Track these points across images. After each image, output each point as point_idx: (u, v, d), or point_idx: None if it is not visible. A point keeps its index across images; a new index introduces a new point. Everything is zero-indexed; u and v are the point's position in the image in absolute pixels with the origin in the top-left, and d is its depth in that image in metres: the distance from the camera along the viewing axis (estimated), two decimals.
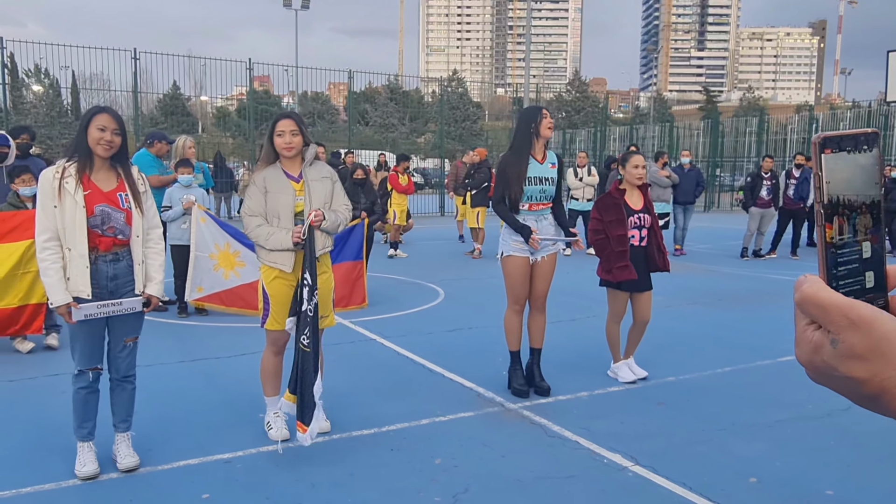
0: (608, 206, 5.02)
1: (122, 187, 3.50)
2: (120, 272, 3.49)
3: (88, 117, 3.42)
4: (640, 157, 5.09)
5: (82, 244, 3.35)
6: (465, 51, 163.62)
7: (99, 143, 3.42)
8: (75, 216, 3.34)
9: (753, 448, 3.96)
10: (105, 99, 29.56)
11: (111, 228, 3.43)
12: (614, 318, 5.19)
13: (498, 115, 78.89)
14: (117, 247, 3.47)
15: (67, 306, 3.32)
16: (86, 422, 3.60)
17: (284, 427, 4.04)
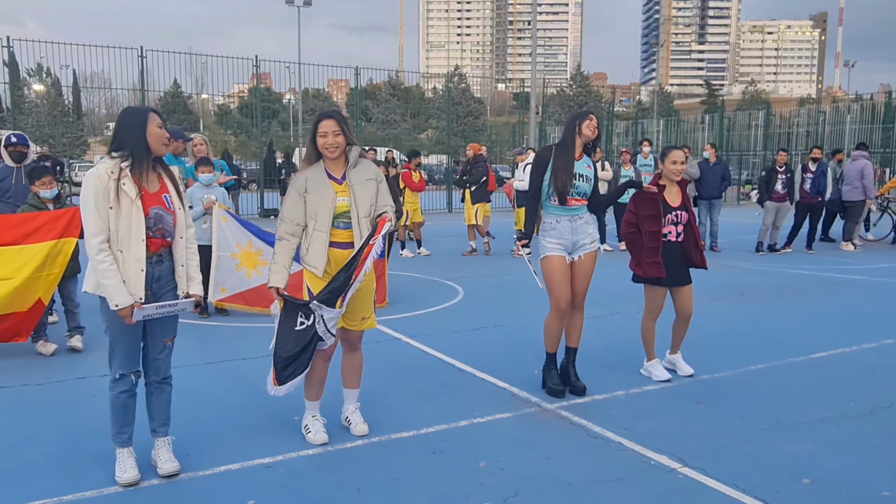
0: (644, 200, 4.95)
1: (165, 188, 3.44)
2: (163, 273, 3.45)
3: (145, 116, 3.33)
4: (680, 153, 5.01)
5: (139, 247, 3.29)
6: (465, 46, 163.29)
7: (164, 142, 3.38)
8: (132, 219, 3.26)
9: (802, 448, 3.89)
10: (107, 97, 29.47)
11: (160, 230, 3.39)
12: (650, 314, 5.11)
13: (499, 110, 78.77)
14: (163, 248, 3.43)
15: (131, 308, 3.25)
16: (126, 427, 3.53)
17: (323, 430, 3.98)
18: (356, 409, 4.17)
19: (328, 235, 3.76)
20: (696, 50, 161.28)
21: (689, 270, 5.12)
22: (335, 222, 3.78)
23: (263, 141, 23.83)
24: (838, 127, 28.98)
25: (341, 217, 3.78)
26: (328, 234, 3.76)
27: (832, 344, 6.09)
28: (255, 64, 19.92)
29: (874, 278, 9.69)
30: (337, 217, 3.78)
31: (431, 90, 58.45)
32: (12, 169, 6.67)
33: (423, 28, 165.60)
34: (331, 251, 3.79)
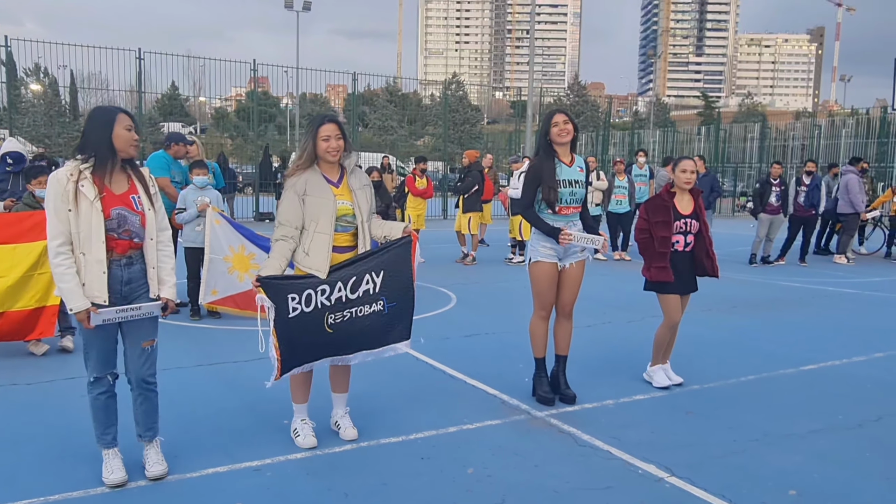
0: (657, 206, 5.02)
1: (134, 189, 3.41)
2: (134, 276, 3.41)
3: (112, 118, 3.31)
4: (691, 162, 5.06)
5: (99, 249, 3.27)
6: (463, 54, 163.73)
7: (132, 143, 3.36)
8: (91, 220, 3.25)
9: (790, 459, 3.90)
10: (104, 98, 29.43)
11: (126, 231, 3.35)
12: (669, 323, 5.12)
13: (496, 118, 78.96)
14: (132, 250, 3.39)
15: (87, 311, 3.24)
16: (108, 428, 3.52)
17: (312, 434, 3.98)
18: (346, 414, 4.17)
19: (331, 238, 3.75)
20: (693, 62, 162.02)
21: (695, 281, 5.16)
22: (335, 225, 3.79)
23: (260, 145, 23.83)
24: (834, 141, 29.13)
25: (340, 220, 3.81)
26: (331, 237, 3.75)
27: (822, 357, 6.11)
28: (252, 68, 19.94)
29: (866, 292, 9.73)
30: (337, 220, 3.80)
31: (429, 97, 58.57)
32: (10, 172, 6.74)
33: (421, 35, 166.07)
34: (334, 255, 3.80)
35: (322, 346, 3.79)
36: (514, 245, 12.12)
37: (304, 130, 3.98)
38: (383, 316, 3.86)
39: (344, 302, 3.74)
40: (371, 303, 3.81)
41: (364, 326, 3.82)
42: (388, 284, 3.84)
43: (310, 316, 3.68)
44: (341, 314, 3.75)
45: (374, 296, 3.81)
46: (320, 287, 3.68)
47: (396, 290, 3.87)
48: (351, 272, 3.75)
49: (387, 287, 3.84)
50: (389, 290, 3.85)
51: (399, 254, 3.89)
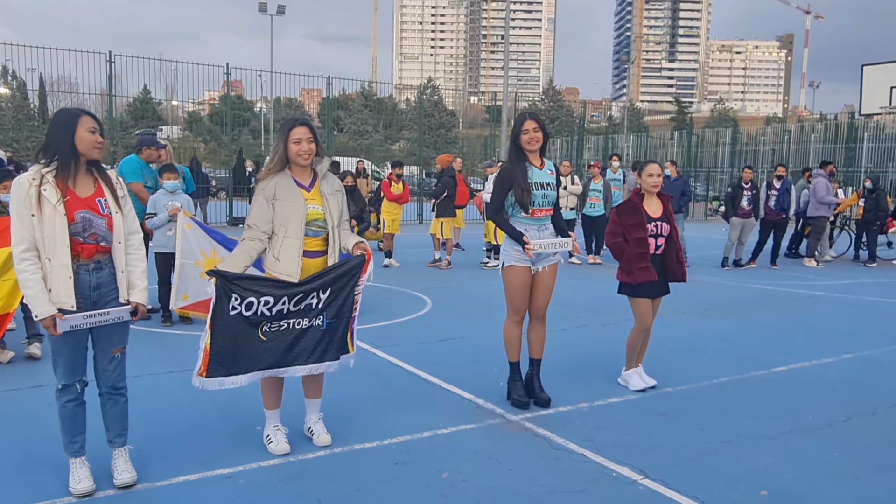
0: (628, 209, 5.05)
1: (100, 192, 3.35)
2: (103, 281, 3.35)
3: (75, 120, 3.25)
4: (657, 166, 5.10)
5: (64, 254, 3.20)
6: (438, 59, 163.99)
7: (94, 145, 3.29)
8: (55, 224, 3.17)
9: (761, 461, 3.94)
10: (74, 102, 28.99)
11: (93, 235, 3.29)
12: (640, 326, 5.14)
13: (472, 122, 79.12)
14: (100, 254, 3.32)
15: (52, 318, 3.17)
16: (76, 436, 3.45)
17: (285, 441, 3.94)
18: (319, 420, 4.13)
19: (301, 242, 3.74)
20: (666, 67, 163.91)
21: (667, 284, 5.20)
22: (305, 230, 3.77)
23: (233, 149, 23.63)
24: (803, 146, 29.59)
25: (311, 225, 3.78)
26: (301, 241, 3.74)
27: (793, 358, 6.19)
28: (226, 72, 19.79)
29: (835, 294, 9.88)
30: (307, 225, 3.77)
31: (404, 101, 58.55)
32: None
33: (396, 39, 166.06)
34: (305, 261, 3.79)
35: (254, 355, 3.68)
36: (490, 249, 12.14)
37: (277, 134, 3.94)
38: (320, 331, 3.78)
39: (284, 314, 3.70)
40: (311, 317, 3.76)
41: (299, 339, 3.76)
42: (331, 301, 3.79)
43: (247, 320, 3.62)
44: (278, 324, 3.70)
45: (314, 310, 3.76)
46: (264, 298, 3.62)
47: (337, 307, 3.82)
48: (299, 289, 3.71)
49: (329, 304, 3.79)
50: (331, 308, 3.80)
51: (348, 272, 3.82)
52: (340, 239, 3.91)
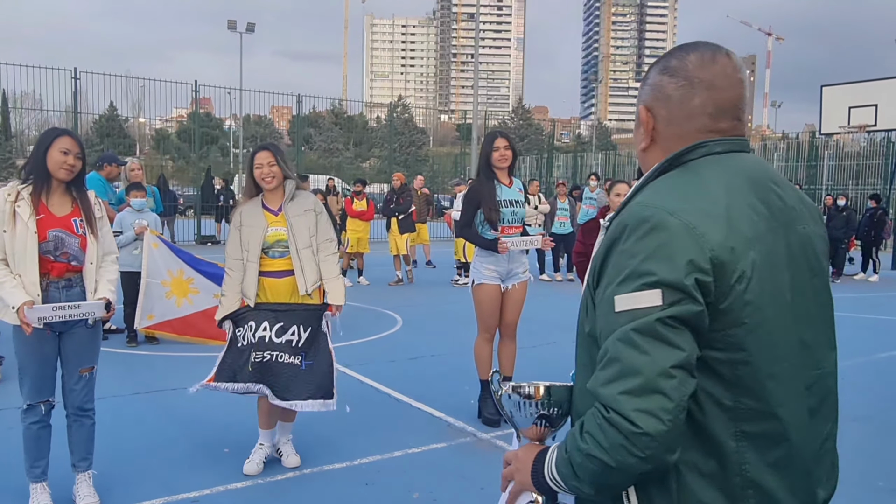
0: (592, 229, 5.13)
1: (76, 212, 3.33)
2: (72, 299, 3.30)
3: (50, 140, 3.26)
4: (625, 186, 5.18)
5: (33, 271, 3.18)
6: (409, 77, 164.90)
7: (62, 166, 3.25)
8: (26, 242, 3.16)
9: None
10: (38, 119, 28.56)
11: (65, 254, 3.26)
12: None
13: (442, 140, 79.51)
14: (70, 273, 3.29)
15: (31, 303, 3.12)
16: (39, 460, 3.37)
17: (258, 461, 3.89)
18: (288, 441, 4.09)
19: (258, 265, 3.84)
20: (633, 87, 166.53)
21: None
22: (269, 252, 3.85)
23: (202, 167, 23.44)
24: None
25: (275, 246, 3.85)
26: (258, 265, 3.84)
27: None
28: (194, 89, 19.66)
29: None
30: (270, 247, 3.84)
31: (375, 119, 58.67)
32: None
33: (367, 58, 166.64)
34: (265, 280, 3.86)
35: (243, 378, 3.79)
36: (460, 267, 12.18)
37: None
38: (299, 371, 3.77)
39: (267, 343, 3.75)
40: (291, 354, 3.76)
41: (280, 374, 3.75)
42: (309, 341, 3.80)
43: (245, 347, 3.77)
44: (261, 354, 3.73)
45: (294, 348, 3.76)
46: (249, 322, 3.77)
47: (315, 349, 3.81)
48: (280, 317, 3.78)
49: (308, 344, 3.79)
50: (309, 348, 3.80)
51: (319, 317, 3.85)
52: (319, 262, 3.89)
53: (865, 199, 15.16)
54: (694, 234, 1.13)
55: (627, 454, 1.09)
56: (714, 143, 1.29)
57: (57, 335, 3.29)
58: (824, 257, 1.34)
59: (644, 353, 1.10)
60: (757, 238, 1.18)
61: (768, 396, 1.17)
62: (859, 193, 23.92)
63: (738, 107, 1.32)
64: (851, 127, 15.89)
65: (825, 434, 1.29)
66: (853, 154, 26.37)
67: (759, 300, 1.16)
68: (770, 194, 1.26)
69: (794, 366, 1.21)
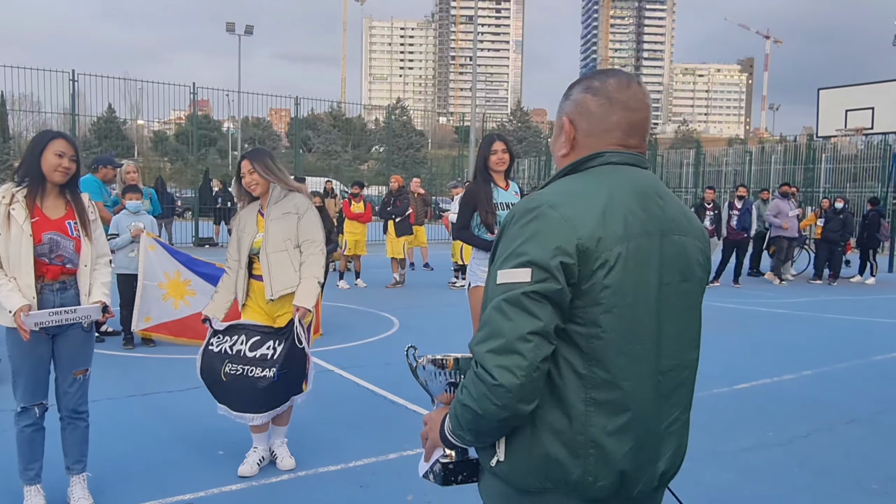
0: None
1: (70, 215, 3.33)
2: (67, 301, 3.30)
3: (44, 142, 3.25)
4: None
5: (28, 274, 3.18)
6: (407, 79, 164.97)
7: (57, 169, 3.26)
8: (21, 244, 3.16)
9: (723, 477, 3.99)
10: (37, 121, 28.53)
11: (59, 257, 3.26)
12: None
13: (440, 143, 79.54)
14: (65, 276, 3.30)
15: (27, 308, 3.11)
16: (32, 463, 3.37)
17: (253, 463, 3.90)
18: (283, 444, 4.09)
19: (246, 270, 3.95)
20: None
21: None
22: (259, 255, 3.90)
23: (200, 169, 23.43)
24: (764, 167, 30.25)
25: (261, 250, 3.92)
26: (246, 269, 3.95)
27: (754, 375, 6.29)
28: (192, 91, 19.67)
29: (795, 312, 10.08)
30: (258, 252, 3.90)
31: (373, 121, 58.69)
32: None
33: (366, 60, 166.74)
34: (254, 283, 3.96)
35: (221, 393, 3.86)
36: (457, 269, 12.19)
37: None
38: (273, 383, 3.77)
39: (241, 357, 3.79)
40: (264, 368, 3.77)
41: (253, 388, 3.77)
42: (284, 355, 3.80)
43: (217, 354, 3.84)
44: (235, 367, 3.78)
45: (269, 361, 3.77)
46: (226, 336, 3.85)
47: (290, 359, 3.82)
48: (256, 333, 3.83)
49: (283, 357, 3.79)
50: (284, 360, 3.80)
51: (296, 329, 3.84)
52: (300, 263, 3.89)
53: (863, 202, 15.16)
54: (567, 224, 1.34)
55: (489, 403, 1.31)
56: (611, 153, 1.48)
57: (50, 337, 3.29)
58: (699, 267, 1.53)
59: (509, 319, 1.31)
60: (628, 236, 1.38)
61: (617, 370, 1.37)
62: (858, 196, 23.96)
63: (645, 128, 1.53)
64: (848, 130, 15.92)
65: (674, 417, 1.48)
66: (850, 157, 26.42)
67: (619, 287, 1.35)
68: (652, 204, 1.44)
69: (648, 350, 1.40)
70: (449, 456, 1.55)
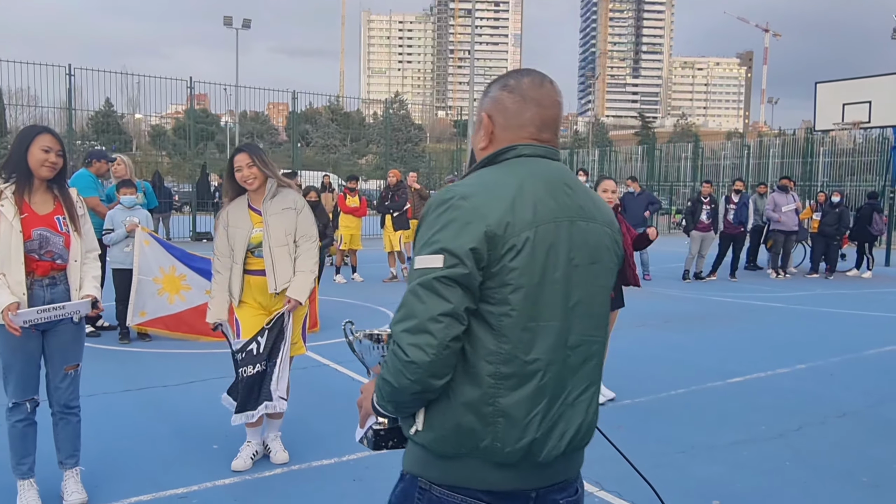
0: None
1: (59, 210, 3.33)
2: (56, 297, 3.31)
3: (30, 138, 3.24)
4: (611, 183, 5.20)
5: (18, 270, 3.17)
6: (406, 73, 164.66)
7: (44, 164, 3.25)
8: (11, 241, 3.15)
9: (713, 470, 4.01)
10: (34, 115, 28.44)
11: (49, 253, 3.26)
12: None
13: (439, 137, 79.46)
14: (55, 271, 3.30)
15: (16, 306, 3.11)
16: (25, 457, 3.38)
17: (247, 457, 3.92)
18: (277, 437, 4.11)
19: (242, 266, 3.91)
20: (630, 83, 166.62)
21: (621, 296, 5.27)
22: (255, 251, 3.90)
23: (198, 163, 23.41)
24: (763, 160, 30.26)
25: (259, 247, 3.90)
26: (242, 265, 3.91)
27: (749, 369, 6.31)
28: (189, 85, 19.63)
29: (791, 305, 10.10)
30: (255, 247, 3.89)
31: (372, 116, 58.62)
32: None
33: (364, 54, 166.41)
34: (250, 279, 3.93)
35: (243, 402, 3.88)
36: None
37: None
38: (265, 375, 3.82)
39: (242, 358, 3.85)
40: (254, 363, 3.80)
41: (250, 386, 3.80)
42: (268, 345, 3.83)
43: None
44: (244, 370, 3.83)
45: (256, 357, 3.81)
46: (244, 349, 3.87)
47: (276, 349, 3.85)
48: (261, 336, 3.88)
49: (268, 347, 3.83)
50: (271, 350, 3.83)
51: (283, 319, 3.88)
52: (294, 258, 3.91)
53: (861, 196, 15.14)
54: (477, 214, 1.45)
55: (403, 377, 1.44)
56: (524, 146, 1.60)
57: (40, 333, 3.29)
58: (607, 251, 1.62)
59: (422, 302, 1.43)
60: (536, 222, 1.48)
61: (524, 346, 1.48)
62: (857, 190, 23.98)
63: (556, 123, 1.65)
64: (846, 124, 15.88)
65: (583, 388, 1.58)
66: (849, 151, 26.43)
67: (526, 268, 1.46)
68: (560, 193, 1.55)
69: (556, 327, 1.51)
70: (382, 424, 1.66)
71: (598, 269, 1.58)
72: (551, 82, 1.66)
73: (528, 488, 1.56)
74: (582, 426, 1.59)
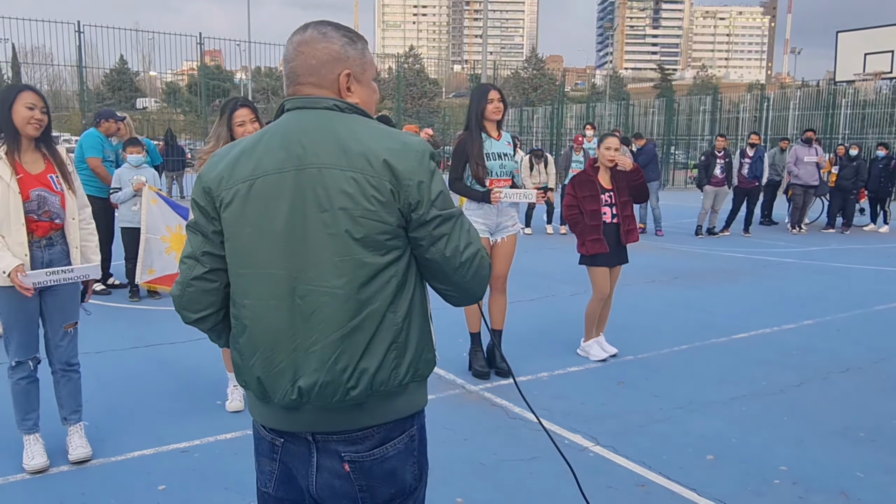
0: (582, 182, 5.15)
1: (50, 168, 3.34)
2: (55, 257, 3.35)
3: (13, 96, 3.22)
4: (615, 140, 5.14)
5: (19, 232, 3.20)
6: (421, 27, 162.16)
7: (29, 122, 3.24)
8: (9, 203, 3.17)
9: (711, 425, 4.03)
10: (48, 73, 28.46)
11: (47, 213, 3.28)
12: (598, 296, 5.22)
13: (455, 91, 78.60)
14: (53, 231, 3.33)
15: (23, 267, 3.14)
16: (30, 413, 3.47)
17: (240, 399, 4.02)
18: None
19: None
20: (650, 34, 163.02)
21: (625, 253, 5.26)
22: None
23: (212, 120, 23.34)
24: (783, 112, 29.66)
25: None
26: None
27: (754, 325, 6.29)
28: (199, 41, 19.48)
29: (804, 261, 10.00)
30: None
31: (387, 70, 57.96)
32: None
33: (378, 7, 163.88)
34: None
35: None
36: None
37: (217, 116, 3.95)
38: None
39: None
40: None
41: None
42: None
43: None
44: None
45: None
46: None
47: None
48: None
49: None
50: None
51: None
52: None
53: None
54: (205, 171, 1.62)
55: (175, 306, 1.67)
56: (287, 101, 1.66)
57: (38, 293, 3.34)
58: (344, 196, 1.51)
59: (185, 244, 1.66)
60: (254, 175, 1.55)
61: (240, 291, 1.59)
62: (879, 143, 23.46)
63: (298, 73, 1.63)
64: (867, 74, 15.49)
65: (314, 338, 1.53)
66: (872, 102, 25.80)
67: (235, 219, 1.55)
68: (293, 144, 1.55)
69: (276, 275, 1.54)
70: None
71: (328, 217, 1.51)
72: (300, 33, 1.65)
73: (294, 430, 1.59)
74: (319, 375, 1.52)
